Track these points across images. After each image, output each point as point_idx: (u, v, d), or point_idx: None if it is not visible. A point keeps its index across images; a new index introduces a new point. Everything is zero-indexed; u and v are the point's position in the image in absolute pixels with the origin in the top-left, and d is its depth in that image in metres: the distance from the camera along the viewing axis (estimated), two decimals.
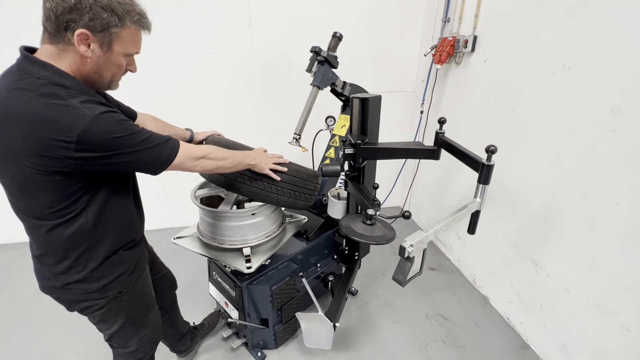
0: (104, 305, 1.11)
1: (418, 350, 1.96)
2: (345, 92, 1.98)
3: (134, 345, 1.26)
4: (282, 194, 1.49)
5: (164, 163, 0.97)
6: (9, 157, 0.84)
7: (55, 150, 0.81)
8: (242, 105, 2.84)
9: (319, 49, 1.85)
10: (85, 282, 1.04)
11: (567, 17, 1.61)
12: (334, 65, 1.90)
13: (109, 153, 0.86)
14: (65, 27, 0.83)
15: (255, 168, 1.36)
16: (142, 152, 0.92)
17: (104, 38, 0.87)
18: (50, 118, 0.79)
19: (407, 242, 1.12)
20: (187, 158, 1.03)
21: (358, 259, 2.13)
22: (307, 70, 1.89)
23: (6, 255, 2.84)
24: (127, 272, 1.12)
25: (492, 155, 1.25)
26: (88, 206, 0.96)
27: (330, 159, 2.08)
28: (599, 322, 1.57)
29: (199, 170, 1.12)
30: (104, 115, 0.85)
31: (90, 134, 0.82)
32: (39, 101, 0.80)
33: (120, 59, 0.94)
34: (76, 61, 0.88)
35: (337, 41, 1.89)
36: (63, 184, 0.88)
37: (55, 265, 1.00)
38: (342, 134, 2.05)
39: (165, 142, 0.98)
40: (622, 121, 1.41)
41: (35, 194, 0.88)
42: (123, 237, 1.09)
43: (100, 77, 0.93)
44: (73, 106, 0.81)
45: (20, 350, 1.96)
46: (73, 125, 0.80)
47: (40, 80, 0.82)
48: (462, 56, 2.41)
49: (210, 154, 1.13)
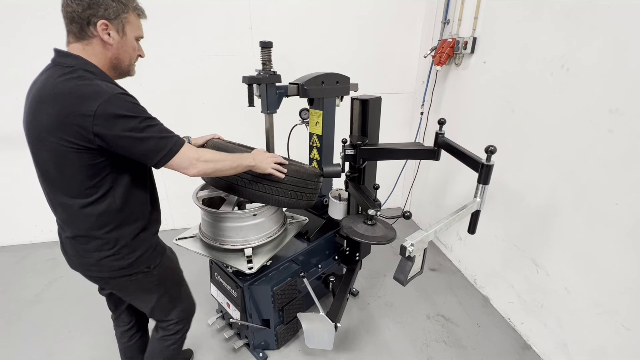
0: (135, 280, 1.19)
1: (419, 351, 1.96)
2: (308, 94, 1.76)
3: (174, 317, 1.39)
4: (283, 195, 1.49)
5: (165, 155, 1.03)
6: (44, 135, 0.96)
7: (80, 121, 0.92)
8: (243, 108, 2.84)
9: (255, 77, 1.62)
10: (116, 258, 1.12)
11: (566, 18, 1.62)
12: (277, 81, 1.67)
13: (124, 133, 0.95)
14: (87, 22, 0.98)
15: (256, 169, 1.35)
16: (148, 139, 0.99)
17: (118, 25, 1.03)
18: (77, 93, 0.93)
19: (407, 242, 1.13)
20: (186, 158, 1.07)
21: (359, 259, 2.14)
22: (249, 104, 1.68)
23: (8, 257, 2.84)
24: (150, 249, 1.21)
25: (492, 155, 1.27)
26: (114, 187, 1.06)
27: (317, 161, 2.02)
28: (599, 322, 1.58)
29: (195, 173, 1.11)
30: (122, 95, 0.97)
31: (108, 108, 0.93)
32: (70, 82, 0.95)
33: (133, 42, 1.09)
34: (100, 51, 1.03)
35: (269, 52, 1.62)
36: (90, 162, 0.99)
37: (88, 243, 1.10)
38: (318, 132, 1.94)
39: (171, 136, 1.05)
40: (620, 121, 1.42)
41: (70, 170, 1.00)
42: (142, 218, 1.18)
43: (121, 61, 1.09)
44: (97, 85, 0.95)
45: (22, 352, 1.96)
46: (94, 100, 0.92)
47: (71, 68, 0.98)
48: (461, 58, 2.42)
49: (207, 156, 1.14)
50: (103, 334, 2.06)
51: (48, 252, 2.90)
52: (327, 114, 1.88)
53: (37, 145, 1.00)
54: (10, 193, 2.85)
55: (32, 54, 2.47)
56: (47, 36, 2.45)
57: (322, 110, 1.86)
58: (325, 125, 1.91)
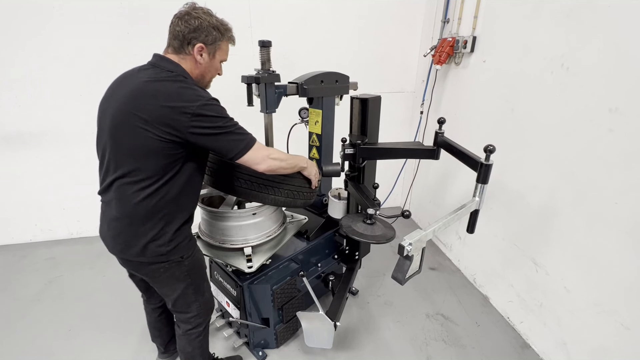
0: (168, 268, 1.28)
1: (418, 350, 1.97)
2: (308, 93, 1.73)
3: (194, 310, 1.43)
4: (279, 195, 1.47)
5: (242, 150, 1.18)
6: (140, 125, 1.08)
7: (179, 117, 1.07)
8: (243, 106, 2.84)
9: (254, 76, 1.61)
10: (158, 244, 1.21)
11: (566, 17, 1.62)
12: (276, 80, 1.65)
13: (212, 131, 1.11)
14: (188, 42, 1.18)
15: (305, 172, 1.50)
16: (230, 134, 1.15)
17: (211, 49, 1.23)
18: (181, 94, 1.09)
19: (406, 241, 1.13)
20: (259, 154, 1.21)
21: (358, 258, 2.14)
22: (248, 104, 1.66)
23: (8, 256, 2.85)
24: (187, 239, 1.29)
25: (491, 154, 1.27)
26: (176, 177, 1.17)
27: (316, 160, 2.01)
28: (599, 321, 1.58)
29: (265, 168, 1.24)
30: (214, 100, 1.15)
31: (204, 110, 1.09)
32: (174, 84, 1.11)
33: (218, 65, 1.30)
34: (191, 66, 1.22)
35: (268, 51, 1.60)
36: (171, 151, 1.12)
37: (139, 227, 1.19)
38: (317, 131, 1.94)
39: (248, 134, 1.21)
40: (620, 121, 1.41)
41: (149, 157, 1.11)
42: (187, 210, 1.27)
43: (204, 78, 1.29)
44: (196, 89, 1.13)
45: (22, 351, 1.96)
46: (195, 101, 1.09)
47: (173, 73, 1.16)
48: (461, 57, 2.42)
49: (275, 154, 1.28)
50: (102, 332, 2.07)
51: (48, 251, 2.90)
52: (326, 113, 1.88)
53: (125, 132, 1.10)
54: (9, 192, 2.85)
55: (32, 54, 2.48)
56: (46, 35, 2.46)
57: (321, 109, 1.86)
58: (325, 125, 1.91)
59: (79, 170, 2.85)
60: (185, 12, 1.18)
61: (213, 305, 1.56)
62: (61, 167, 2.84)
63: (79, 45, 2.50)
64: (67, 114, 2.68)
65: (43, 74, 2.54)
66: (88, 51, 2.52)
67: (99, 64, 2.55)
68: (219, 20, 1.24)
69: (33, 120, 2.66)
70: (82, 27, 2.46)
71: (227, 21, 1.28)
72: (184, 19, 1.16)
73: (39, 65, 2.51)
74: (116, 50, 2.53)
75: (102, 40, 2.51)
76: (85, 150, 2.75)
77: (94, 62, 2.55)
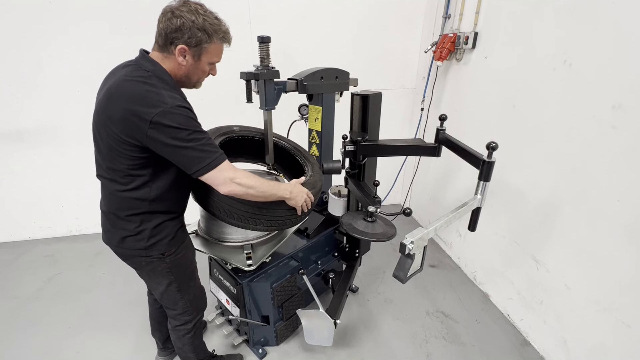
0: (150, 262, 1.29)
1: (418, 347, 1.97)
2: (307, 90, 1.73)
3: (180, 308, 1.44)
4: (261, 225, 1.40)
5: (203, 168, 1.10)
6: (108, 123, 1.08)
7: (137, 122, 1.03)
8: (242, 103, 2.83)
9: (253, 72, 1.59)
10: (136, 238, 1.23)
11: (569, 13, 1.60)
12: (276, 77, 1.63)
13: (171, 142, 1.05)
14: (170, 42, 1.11)
15: (290, 202, 1.40)
16: (190, 149, 1.07)
17: (196, 51, 1.14)
18: (144, 97, 1.04)
19: (407, 239, 1.12)
20: (221, 176, 1.13)
21: (359, 256, 2.14)
22: (247, 101, 1.64)
23: (7, 254, 2.84)
24: (168, 237, 1.27)
25: (493, 152, 1.25)
26: (152, 180, 1.17)
27: (316, 157, 2.00)
28: (599, 319, 1.57)
29: (226, 192, 1.16)
30: (179, 107, 1.06)
31: (165, 119, 1.03)
32: (143, 86, 1.06)
33: (205, 67, 1.21)
34: (174, 66, 1.15)
35: (267, 47, 1.57)
36: (137, 154, 1.10)
37: (117, 221, 1.22)
38: (317, 128, 1.93)
39: (213, 151, 1.12)
40: (623, 117, 1.40)
41: (119, 158, 1.11)
42: (171, 211, 1.28)
43: (189, 79, 1.22)
44: (161, 95, 1.05)
45: (22, 348, 1.96)
46: (156, 107, 1.02)
47: (148, 72, 1.10)
48: (462, 53, 2.40)
49: (242, 180, 1.18)
50: (102, 330, 2.06)
51: (46, 249, 2.90)
52: (326, 109, 1.87)
53: (100, 130, 1.12)
54: (8, 190, 2.83)
55: (31, 53, 2.45)
56: (45, 34, 2.43)
57: (321, 106, 1.85)
58: (325, 121, 1.89)
59: (77, 168, 2.83)
60: (169, 9, 1.09)
61: (203, 306, 1.55)
62: (60, 164, 2.82)
63: (76, 42, 2.47)
64: (66, 112, 2.66)
65: (41, 72, 2.51)
66: (86, 48, 2.50)
67: (97, 61, 2.52)
68: (209, 19, 1.12)
69: (32, 117, 2.64)
70: (80, 24, 2.43)
71: (220, 20, 1.17)
72: (166, 17, 1.08)
73: (37, 63, 2.49)
74: (114, 47, 2.50)
75: (100, 37, 2.48)
76: (84, 148, 2.74)
77: (92, 60, 2.52)
